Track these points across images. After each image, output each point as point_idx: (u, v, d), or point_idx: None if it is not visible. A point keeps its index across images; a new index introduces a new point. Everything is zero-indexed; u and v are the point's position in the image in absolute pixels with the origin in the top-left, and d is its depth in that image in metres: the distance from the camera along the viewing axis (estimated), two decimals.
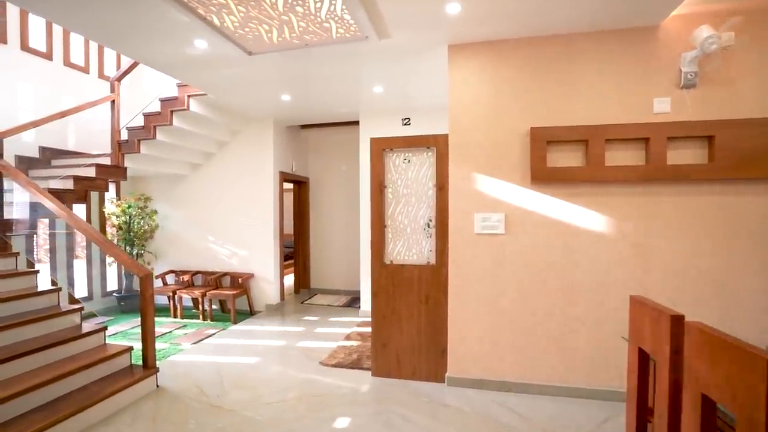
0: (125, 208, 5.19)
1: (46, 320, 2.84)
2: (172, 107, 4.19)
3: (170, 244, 5.58)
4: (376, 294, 3.06)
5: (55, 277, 4.52)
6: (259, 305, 5.24)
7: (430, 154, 2.99)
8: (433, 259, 2.98)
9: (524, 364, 2.81)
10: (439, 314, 2.95)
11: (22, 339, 2.68)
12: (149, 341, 2.90)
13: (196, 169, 5.47)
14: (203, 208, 5.44)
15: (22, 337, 2.68)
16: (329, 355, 3.50)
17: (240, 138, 5.28)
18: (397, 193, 3.05)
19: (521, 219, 2.79)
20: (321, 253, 6.32)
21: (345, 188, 6.18)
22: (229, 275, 5.27)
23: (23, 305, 2.91)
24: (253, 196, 5.22)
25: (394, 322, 3.04)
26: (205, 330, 4.45)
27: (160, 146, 4.57)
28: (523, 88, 2.78)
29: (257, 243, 5.21)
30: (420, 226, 3.01)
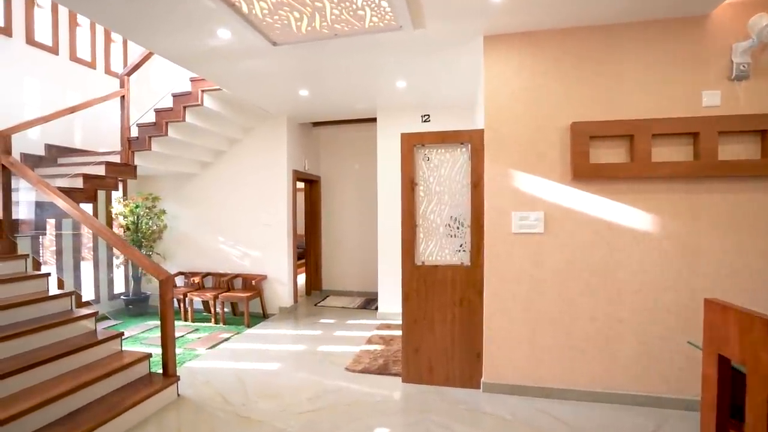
0: (133, 208, 5.02)
1: (59, 326, 2.68)
2: (185, 103, 4.04)
3: (179, 245, 5.41)
4: (408, 297, 2.93)
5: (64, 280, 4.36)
6: (272, 308, 5.09)
7: (464, 150, 2.86)
8: (467, 260, 2.85)
9: (564, 369, 2.69)
10: (473, 317, 2.83)
11: (36, 346, 2.52)
12: (169, 348, 2.75)
13: (206, 168, 5.31)
14: (214, 207, 5.28)
15: (35, 344, 2.52)
16: (354, 361, 3.36)
17: (253, 135, 5.13)
18: (429, 191, 2.92)
19: (561, 217, 2.67)
20: (333, 254, 6.18)
21: (358, 187, 6.04)
22: (241, 277, 5.11)
23: (35, 310, 2.76)
24: (266, 196, 5.07)
25: (426, 326, 2.90)
26: (218, 334, 4.29)
27: (171, 143, 4.41)
28: (562, 81, 2.66)
29: (270, 243, 5.06)
30: (453, 225, 2.88)
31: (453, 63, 3.26)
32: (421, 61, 3.23)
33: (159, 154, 4.41)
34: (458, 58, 3.15)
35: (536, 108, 2.70)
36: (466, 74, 3.51)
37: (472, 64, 3.26)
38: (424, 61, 3.23)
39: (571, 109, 2.65)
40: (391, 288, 4.72)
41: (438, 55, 3.12)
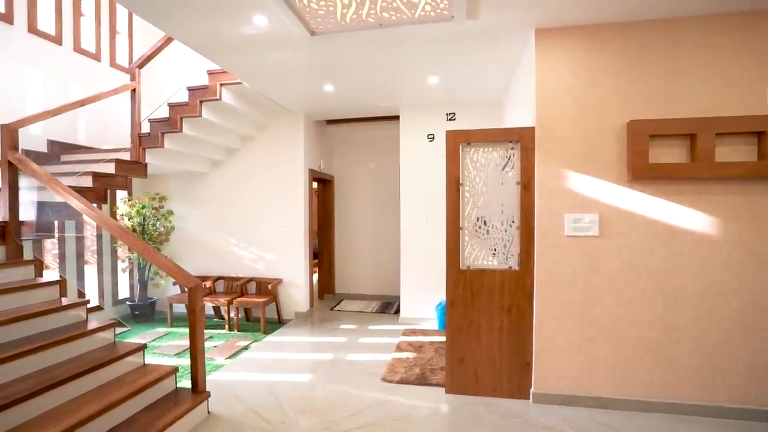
0: (139, 209, 4.76)
1: (77, 339, 2.45)
2: (202, 97, 3.81)
3: (188, 248, 5.16)
4: (453, 303, 2.77)
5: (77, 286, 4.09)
6: (287, 313, 4.88)
7: (513, 149, 2.71)
8: (516, 264, 2.70)
9: (620, 378, 2.56)
10: (523, 324, 2.68)
11: (53, 362, 2.29)
12: (199, 361, 2.53)
13: (217, 166, 5.07)
14: (225, 208, 5.04)
15: (52, 360, 2.28)
16: (388, 370, 3.19)
17: (267, 133, 4.91)
18: (475, 192, 2.76)
19: (617, 220, 2.54)
20: (347, 257, 5.99)
21: (373, 187, 5.86)
22: (255, 281, 4.89)
23: (48, 322, 2.51)
24: (281, 195, 4.85)
25: (472, 334, 2.75)
26: (235, 342, 4.07)
27: (185, 140, 4.18)
28: (618, 77, 2.53)
29: (286, 246, 4.84)
30: (501, 227, 2.74)
31: (492, 58, 3.12)
32: (459, 55, 3.08)
33: (171, 151, 4.17)
34: (497, 53, 3.01)
35: (590, 105, 2.57)
36: (500, 70, 3.37)
37: (512, 59, 3.12)
38: (462, 55, 3.07)
39: (628, 107, 2.52)
40: (415, 292, 4.56)
41: (479, 50, 2.97)
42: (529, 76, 2.88)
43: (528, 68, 2.91)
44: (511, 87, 3.80)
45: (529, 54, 2.84)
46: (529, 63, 2.84)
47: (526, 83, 3.01)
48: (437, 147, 4.47)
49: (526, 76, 3.01)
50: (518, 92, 3.42)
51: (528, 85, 3.00)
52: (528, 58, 2.90)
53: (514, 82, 3.57)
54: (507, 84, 3.75)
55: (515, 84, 3.53)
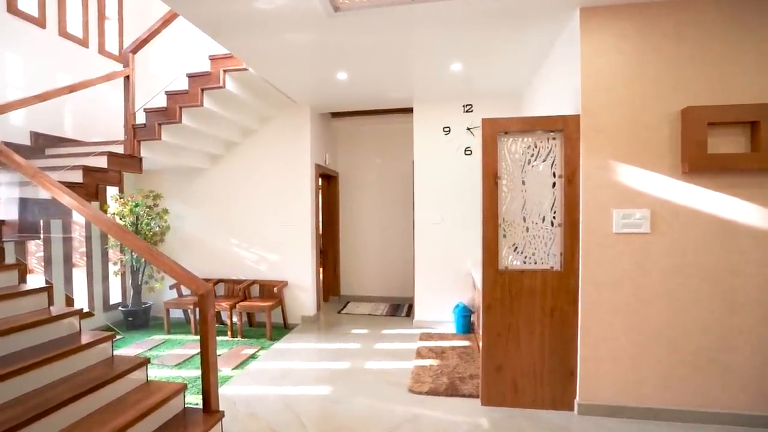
0: (132, 207, 4.41)
1: (72, 355, 2.14)
2: (204, 85, 3.50)
3: (185, 248, 4.82)
4: (489, 307, 2.54)
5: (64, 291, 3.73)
6: (293, 317, 4.60)
7: (555, 139, 2.49)
8: (559, 264, 2.49)
9: (672, 387, 2.37)
10: (566, 329, 2.47)
11: (48, 382, 1.98)
12: (212, 377, 2.24)
13: (216, 162, 4.74)
14: (225, 206, 4.73)
15: (46, 379, 1.98)
16: (414, 380, 2.94)
17: (270, 125, 4.61)
18: (514, 186, 2.54)
19: (670, 215, 2.35)
20: (353, 257, 5.72)
21: (380, 183, 5.60)
22: (258, 284, 4.59)
23: (38, 335, 2.20)
24: (286, 192, 4.56)
25: (511, 341, 2.53)
26: (240, 350, 3.78)
27: (184, 132, 3.85)
28: (672, 60, 2.33)
29: (291, 246, 4.56)
30: (543, 224, 2.52)
31: (522, 42, 2.89)
32: (488, 40, 2.85)
33: (169, 144, 3.84)
34: (529, 36, 2.79)
35: (641, 91, 2.36)
36: (528, 56, 3.15)
37: (544, 43, 2.90)
38: (491, 40, 2.85)
39: (682, 93, 2.33)
40: (429, 293, 4.33)
41: (510, 33, 2.74)
42: (565, 60, 2.67)
43: (564, 51, 2.69)
44: (535, 76, 3.59)
45: (567, 36, 2.63)
46: (567, 45, 2.63)
47: (561, 69, 2.80)
48: (453, 140, 4.25)
49: (561, 62, 2.80)
50: (547, 80, 3.21)
51: (562, 71, 2.79)
52: (565, 40, 2.68)
53: (543, 68, 3.35)
54: (531, 72, 3.54)
55: (544, 71, 3.32)
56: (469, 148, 4.21)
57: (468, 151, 4.21)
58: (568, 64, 2.66)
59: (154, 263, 2.22)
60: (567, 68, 2.68)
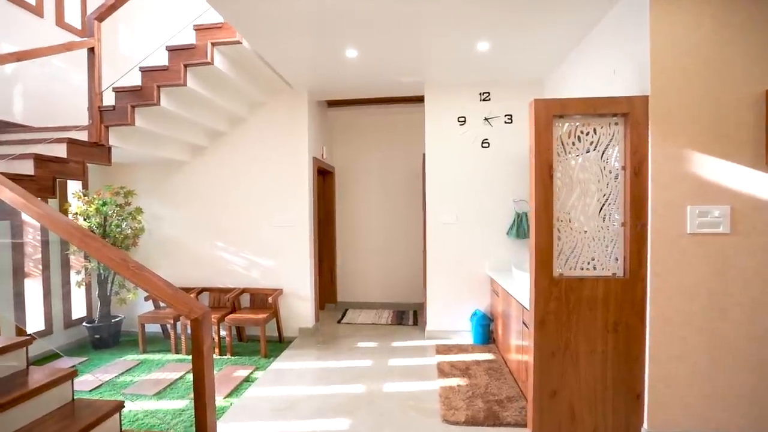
0: (99, 206, 3.78)
1: (14, 406, 1.59)
2: (188, 60, 2.95)
3: (162, 253, 4.22)
4: (542, 322, 2.15)
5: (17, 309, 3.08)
6: (289, 330, 4.09)
7: (618, 125, 2.13)
8: (622, 270, 2.13)
9: (756, 411, 2.06)
10: (632, 346, 2.12)
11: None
12: (209, 417, 1.75)
13: (198, 154, 4.17)
14: (209, 204, 4.16)
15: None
16: (445, 405, 2.53)
17: (261, 113, 4.07)
18: (570, 179, 2.16)
19: (753, 213, 2.03)
20: (351, 260, 5.24)
21: (381, 180, 5.16)
22: (249, 292, 4.05)
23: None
24: (281, 189, 4.05)
25: (567, 361, 2.15)
26: (232, 371, 3.25)
27: (161, 117, 3.28)
28: (757, 36, 2.01)
29: (287, 250, 4.05)
30: (603, 223, 2.15)
31: (564, 15, 2.53)
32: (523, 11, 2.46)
33: (144, 131, 3.26)
34: (569, 8, 2.42)
35: (721, 70, 2.03)
36: (564, 33, 2.80)
37: (586, 19, 2.55)
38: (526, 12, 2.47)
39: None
40: (443, 300, 3.93)
41: (550, 5, 2.37)
42: (618, 38, 2.32)
43: (617, 26, 2.34)
44: (563, 64, 3.25)
45: (626, 6, 2.28)
46: (624, 17, 2.28)
47: (607, 51, 2.46)
48: (469, 132, 3.86)
49: (609, 41, 2.45)
50: (583, 64, 2.86)
51: (608, 53, 2.45)
52: (621, 12, 2.33)
53: (576, 51, 3.01)
54: (560, 56, 3.19)
55: (575, 56, 2.97)
56: (486, 140, 3.84)
57: (485, 143, 3.84)
58: (621, 42, 2.31)
59: (132, 280, 1.69)
60: (621, 47, 2.33)
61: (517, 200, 3.78)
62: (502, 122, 3.81)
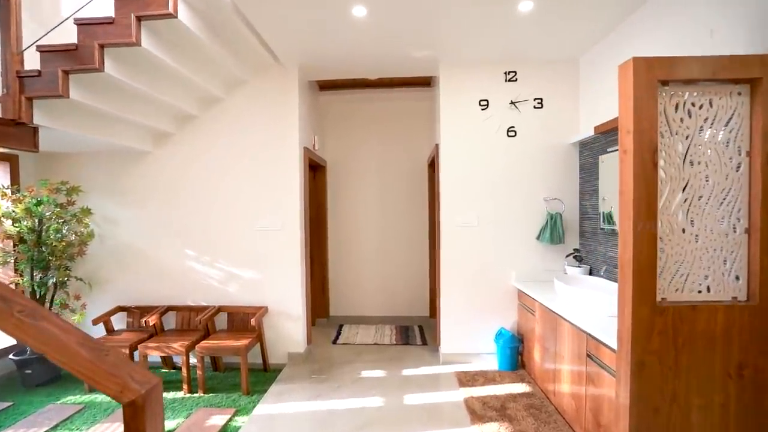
0: (32, 206, 2.98)
1: None
2: (142, 10, 2.20)
3: (117, 264, 3.43)
4: (642, 366, 1.56)
5: None
6: (276, 355, 3.38)
7: (742, 95, 1.56)
8: (745, 293, 1.57)
9: None
10: (762, 396, 1.56)
11: None
12: None
13: (163, 142, 3.40)
14: (177, 204, 3.40)
15: None
16: None
17: (242, 93, 3.35)
18: (677, 170, 1.58)
19: None
20: (346, 269, 4.57)
21: (380, 176, 4.50)
22: (227, 311, 3.32)
23: None
24: (266, 186, 3.34)
25: (676, 417, 1.57)
26: (206, 417, 2.53)
27: (109, 90, 2.52)
28: None
29: (273, 259, 3.34)
30: (721, 228, 1.58)
31: None
32: None
33: (84, 108, 2.49)
34: None
35: None
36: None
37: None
38: None
39: None
40: (460, 317, 3.32)
41: None
42: None
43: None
44: (603, 41, 2.70)
45: None
46: None
47: (694, 6, 1.90)
48: (492, 118, 3.26)
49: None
50: (654, 25, 2.31)
51: (692, 12, 1.89)
52: None
53: (627, 24, 2.46)
54: (605, 29, 2.64)
55: (628, 28, 2.42)
56: (512, 127, 3.25)
57: (512, 131, 3.25)
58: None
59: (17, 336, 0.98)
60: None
61: (549, 199, 3.21)
62: (531, 107, 3.23)
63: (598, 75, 2.93)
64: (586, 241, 3.10)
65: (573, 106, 3.21)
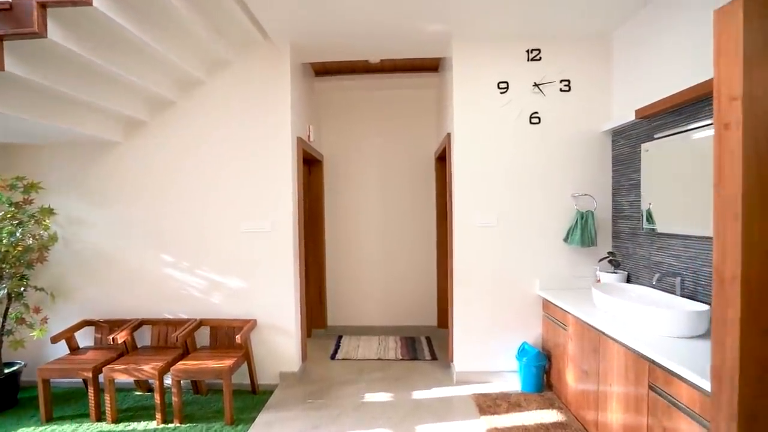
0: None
1: None
2: None
3: (83, 271, 3.00)
4: (754, 419, 1.15)
5: None
6: (266, 375, 2.96)
7: None
8: None
9: None
10: None
11: None
12: None
13: (135, 131, 2.97)
14: (152, 204, 2.98)
15: None
16: None
17: (227, 75, 2.93)
18: None
19: None
20: (345, 273, 4.15)
21: (382, 172, 4.09)
22: (209, 325, 2.90)
23: None
24: (254, 182, 2.92)
25: None
26: None
27: (59, 63, 2.09)
28: None
29: (263, 265, 2.92)
30: None
31: None
32: None
33: (24, 82, 2.06)
34: None
35: None
36: None
37: None
38: None
39: None
40: (476, 329, 2.91)
41: None
42: None
43: None
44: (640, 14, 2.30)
45: None
46: None
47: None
48: (512, 102, 2.85)
49: None
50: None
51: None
52: None
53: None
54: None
55: None
56: (536, 113, 2.84)
57: (535, 117, 2.84)
58: None
59: None
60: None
61: (578, 195, 2.81)
62: (557, 90, 2.83)
63: (636, 51, 2.53)
64: (622, 243, 2.70)
65: (605, 88, 2.81)
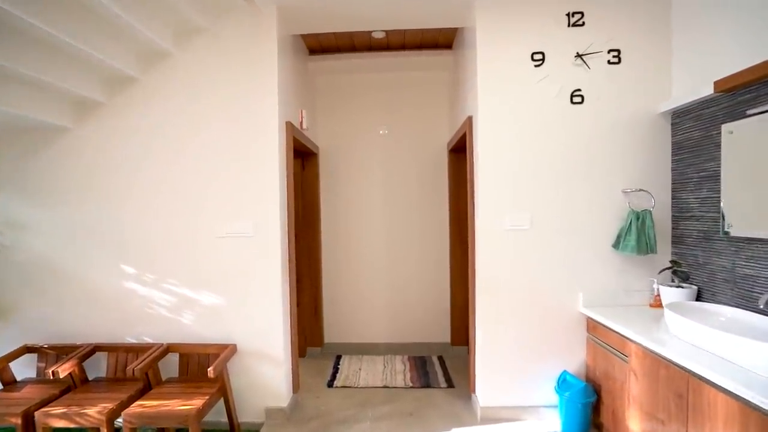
0: None
1: None
2: None
3: (25, 284, 2.47)
4: None
5: None
6: (248, 412, 2.42)
7: None
8: None
9: None
10: None
11: None
12: None
13: (88, 115, 2.45)
14: (109, 204, 2.45)
15: None
16: None
17: (199, 46, 2.40)
18: None
19: None
20: (344, 283, 3.62)
21: (386, 167, 3.56)
22: (178, 352, 2.37)
23: None
24: (232, 176, 2.39)
25: None
26: None
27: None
28: None
29: (244, 277, 2.39)
30: None
31: None
32: None
33: None
34: None
35: None
36: None
37: None
38: None
39: None
40: (503, 354, 2.38)
41: None
42: None
43: None
44: None
45: None
46: None
47: None
48: (549, 77, 2.33)
49: None
50: None
51: None
52: None
53: None
54: None
55: None
56: (578, 91, 2.32)
57: (577, 96, 2.32)
58: None
59: None
60: None
61: (630, 191, 2.29)
62: (605, 62, 2.31)
63: (707, 12, 2.02)
64: (688, 250, 2.18)
65: (663, 61, 2.29)
